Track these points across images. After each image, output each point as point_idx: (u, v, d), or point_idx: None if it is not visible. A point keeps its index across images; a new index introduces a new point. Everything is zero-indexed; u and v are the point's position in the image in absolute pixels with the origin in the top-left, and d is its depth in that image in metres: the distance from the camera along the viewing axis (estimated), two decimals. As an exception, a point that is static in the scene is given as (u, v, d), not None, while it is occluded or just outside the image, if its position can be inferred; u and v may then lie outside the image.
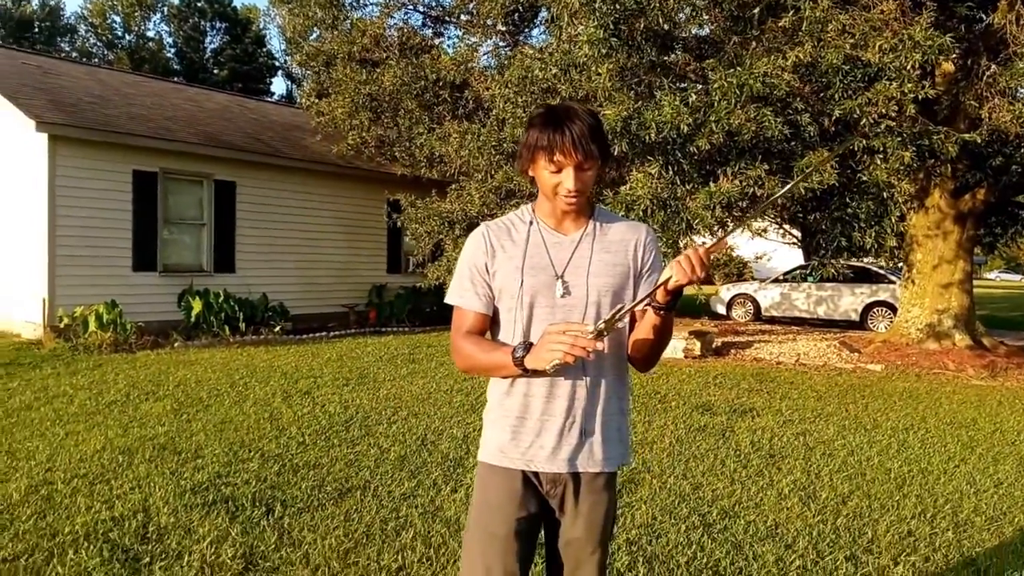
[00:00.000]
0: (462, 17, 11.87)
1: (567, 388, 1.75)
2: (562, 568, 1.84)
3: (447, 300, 1.86)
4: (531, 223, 1.82)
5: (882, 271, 15.93)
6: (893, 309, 14.66)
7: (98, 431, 5.30)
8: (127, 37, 43.60)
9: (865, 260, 15.49)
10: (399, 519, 3.76)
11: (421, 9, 12.67)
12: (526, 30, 12.24)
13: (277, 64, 44.10)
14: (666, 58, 7.12)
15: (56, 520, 3.61)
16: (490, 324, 1.84)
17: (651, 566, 3.33)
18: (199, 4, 43.15)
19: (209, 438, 5.20)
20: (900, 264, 12.29)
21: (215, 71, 41.66)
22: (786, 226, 16.80)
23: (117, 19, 43.34)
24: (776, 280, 17.61)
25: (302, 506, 3.91)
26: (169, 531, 3.52)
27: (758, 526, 3.83)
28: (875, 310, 15.53)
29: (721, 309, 17.88)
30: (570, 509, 1.80)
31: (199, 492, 4.06)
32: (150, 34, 44.37)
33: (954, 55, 8.05)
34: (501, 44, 11.89)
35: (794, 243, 22.46)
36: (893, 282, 15.07)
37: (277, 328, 11.07)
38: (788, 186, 1.87)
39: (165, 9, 44.11)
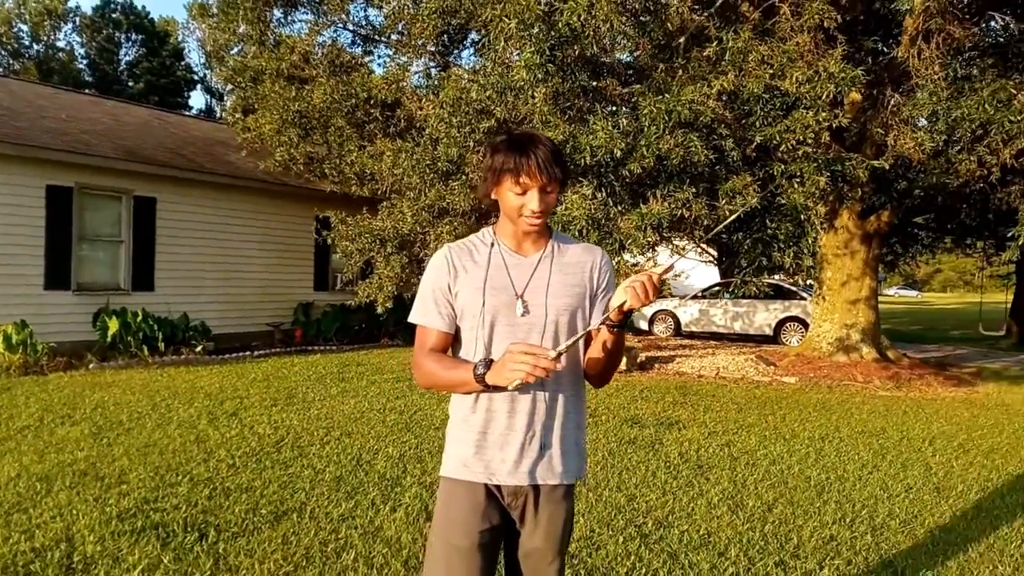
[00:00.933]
0: (392, 37, 11.89)
1: (527, 404, 1.82)
2: None
3: (410, 319, 1.90)
4: (492, 245, 1.89)
5: (794, 288, 16.73)
6: (804, 324, 15.39)
7: (11, 457, 5.01)
8: (35, 47, 41.50)
9: (776, 277, 16.24)
10: (339, 541, 3.72)
11: (351, 28, 12.62)
12: (456, 51, 12.36)
13: (196, 78, 42.87)
14: (597, 84, 7.35)
15: (-31, 554, 3.40)
16: (452, 342, 1.89)
17: (592, 577, 3.40)
18: (114, 15, 41.56)
19: (133, 462, 5.00)
20: (811, 281, 12.94)
21: (130, 84, 40.13)
22: (703, 245, 17.42)
23: (24, 28, 41.21)
24: (695, 297, 18.22)
25: (237, 530, 3.81)
26: (96, 560, 3.37)
27: (691, 535, 3.97)
28: (788, 325, 16.28)
29: (643, 325, 18.36)
30: (530, 520, 1.86)
31: (126, 519, 3.90)
32: (60, 44, 42.38)
33: (862, 85, 8.62)
34: (431, 64, 11.96)
35: (711, 261, 23.26)
36: (804, 298, 15.84)
37: (199, 348, 10.71)
38: (739, 212, 2.00)
39: (77, 19, 42.26)
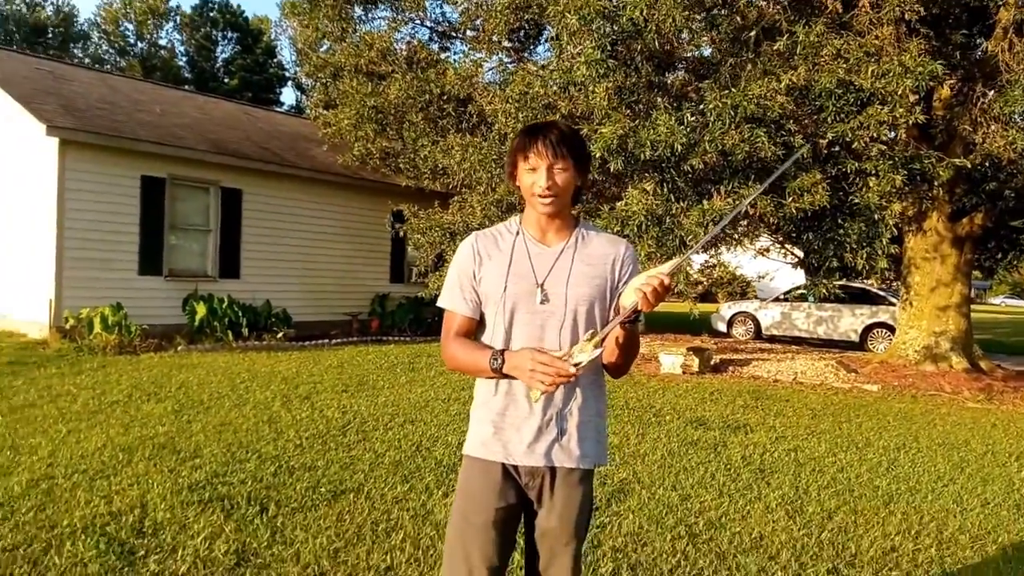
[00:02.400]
0: (468, 33, 12.06)
1: None
2: (539, 558, 1.94)
3: (438, 303, 2.00)
4: (517, 233, 1.95)
5: (882, 292, 15.99)
6: (893, 330, 14.71)
7: (100, 429, 5.40)
8: (139, 45, 44.12)
9: (866, 281, 15.57)
10: (390, 521, 3.84)
11: (428, 24, 12.87)
12: (531, 47, 12.42)
13: (287, 75, 44.55)
14: (662, 78, 7.26)
15: (55, 513, 3.70)
16: (477, 325, 1.96)
17: (635, 573, 3.40)
18: (211, 14, 43.70)
19: (208, 439, 5.29)
20: (897, 285, 12.38)
21: (226, 80, 42.13)
22: (788, 246, 16.89)
23: (130, 27, 43.88)
24: (777, 299, 17.68)
25: (295, 506, 3.99)
26: (164, 526, 3.60)
27: (743, 538, 3.90)
28: (875, 331, 15.59)
29: (722, 327, 17.95)
30: (546, 501, 1.90)
31: (196, 490, 4.15)
32: (162, 42, 44.90)
33: (951, 81, 8.17)
34: (506, 60, 12.06)
35: (797, 263, 22.51)
36: (893, 304, 15.13)
37: (280, 335, 11.17)
38: (729, 216, 1.98)
39: (177, 18, 44.65)
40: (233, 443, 5.21)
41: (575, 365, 1.71)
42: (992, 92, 8.12)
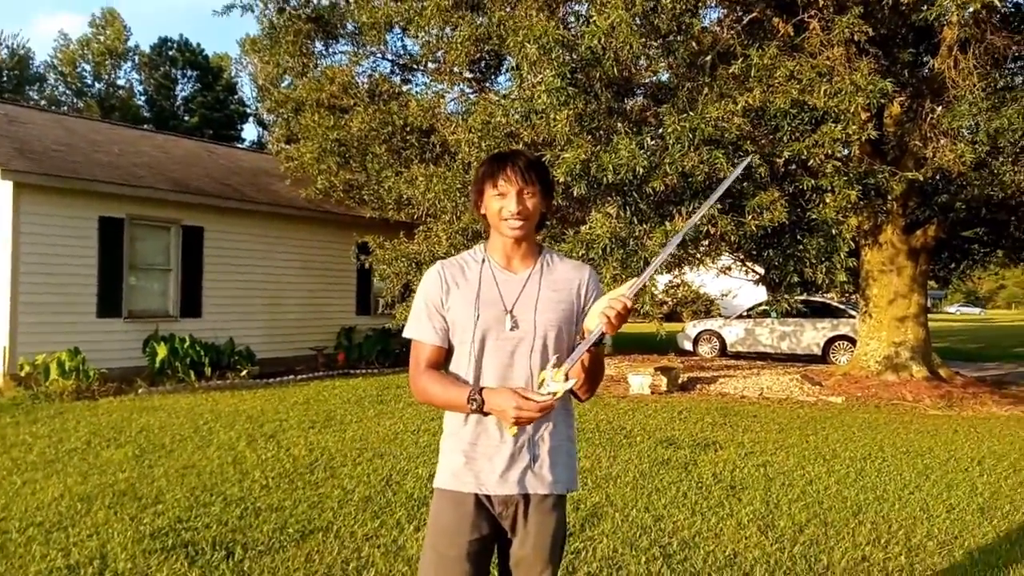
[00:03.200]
0: (429, 65, 12.17)
1: None
2: None
3: (405, 334, 1.99)
4: (483, 261, 1.96)
5: (843, 306, 16.30)
6: (854, 343, 14.99)
7: (57, 479, 5.22)
8: (97, 85, 43.62)
9: (826, 295, 15.88)
10: (360, 559, 3.77)
11: (389, 57, 12.94)
12: (492, 77, 12.56)
13: (248, 111, 44.39)
14: (622, 104, 7.42)
15: (8, 570, 3.55)
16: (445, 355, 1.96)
17: (609, 597, 3.38)
18: (171, 53, 43.46)
19: (171, 483, 5.15)
20: (856, 298, 12.65)
21: (186, 118, 41.81)
22: (749, 263, 17.19)
23: (87, 67, 43.40)
24: (740, 316, 17.91)
25: (263, 548, 3.89)
26: (126, 576, 3.49)
27: (717, 556, 3.90)
28: (836, 344, 15.88)
29: (688, 345, 18.11)
30: (520, 529, 1.89)
31: (158, 537, 4.03)
32: (120, 82, 44.47)
33: (901, 98, 8.45)
34: (468, 91, 12.17)
35: (759, 280, 22.86)
36: (853, 316, 15.44)
37: (244, 372, 10.98)
38: (672, 242, 2.01)
39: (136, 58, 44.31)
40: (197, 486, 5.08)
41: (551, 394, 1.73)
42: (940, 108, 8.42)
